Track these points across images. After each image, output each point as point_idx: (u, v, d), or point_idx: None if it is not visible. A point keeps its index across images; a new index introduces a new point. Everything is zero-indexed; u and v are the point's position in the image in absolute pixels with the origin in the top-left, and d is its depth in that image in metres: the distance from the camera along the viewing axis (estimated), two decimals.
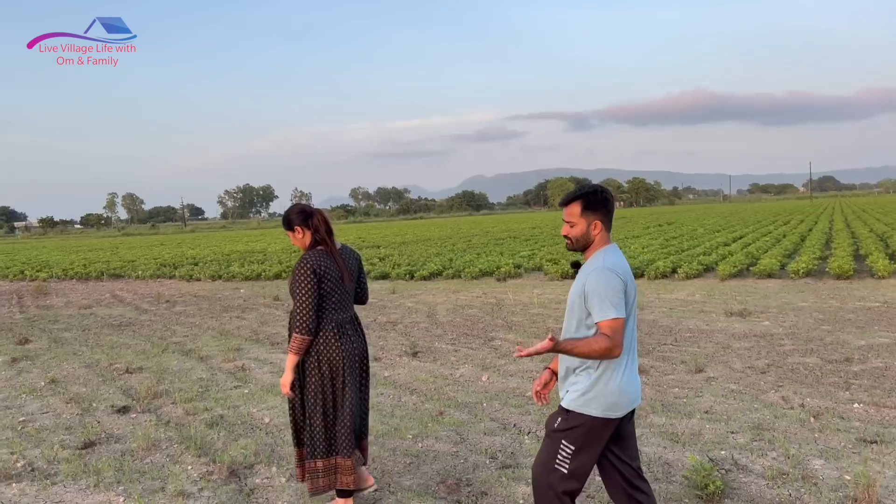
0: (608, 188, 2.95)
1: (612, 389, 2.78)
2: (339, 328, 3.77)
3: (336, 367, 3.75)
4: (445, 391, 6.38)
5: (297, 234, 3.84)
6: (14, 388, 7.41)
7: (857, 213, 42.79)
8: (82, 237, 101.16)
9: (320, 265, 3.72)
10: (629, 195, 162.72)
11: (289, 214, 3.88)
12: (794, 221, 35.64)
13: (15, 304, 16.11)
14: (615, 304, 2.70)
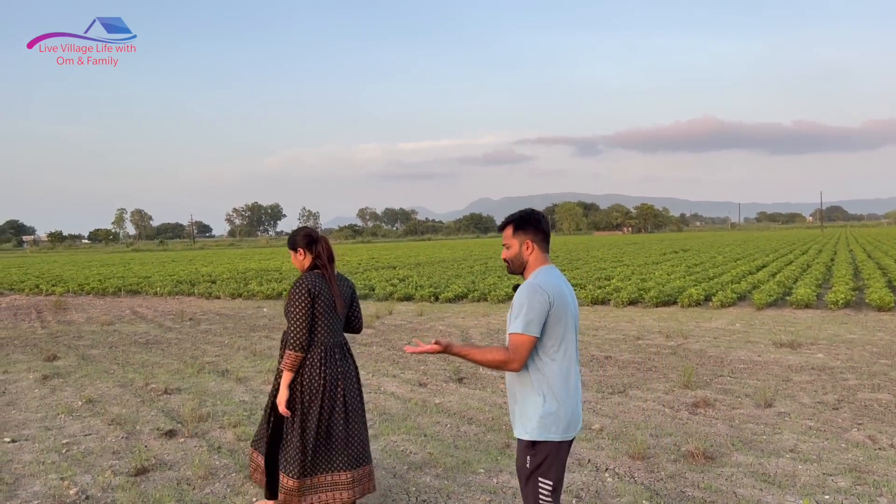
0: (541, 212, 2.97)
1: (567, 409, 2.79)
2: (326, 352, 3.86)
3: (315, 391, 3.82)
4: (505, 421, 6.10)
5: (300, 255, 3.99)
6: (50, 407, 7.16)
7: (873, 244, 42.44)
8: (91, 252, 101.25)
9: (315, 286, 3.85)
10: (637, 221, 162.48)
11: (295, 236, 4.03)
12: (811, 251, 35.30)
13: (35, 318, 15.89)
14: (529, 320, 2.69)
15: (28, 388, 8.11)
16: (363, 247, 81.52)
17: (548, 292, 2.73)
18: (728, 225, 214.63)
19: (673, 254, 36.81)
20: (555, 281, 2.81)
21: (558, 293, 2.78)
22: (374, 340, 11.05)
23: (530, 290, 2.74)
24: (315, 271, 3.94)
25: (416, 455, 5.24)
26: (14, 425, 6.47)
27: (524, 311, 2.70)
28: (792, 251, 35.81)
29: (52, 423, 6.51)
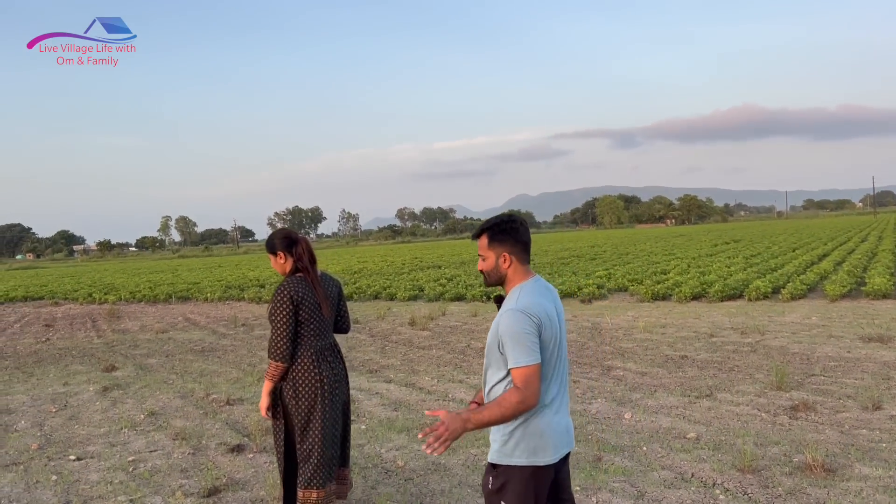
0: (519, 217, 2.71)
1: (533, 431, 2.55)
2: (317, 355, 3.80)
3: (314, 395, 3.75)
4: (589, 430, 5.70)
5: (280, 259, 3.86)
6: (113, 421, 6.98)
7: None
8: (139, 259, 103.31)
9: (297, 292, 3.73)
10: (681, 212, 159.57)
11: (273, 239, 3.90)
12: (871, 238, 33.94)
13: (90, 327, 15.96)
14: (529, 349, 2.49)
15: (89, 401, 7.97)
16: (404, 247, 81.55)
17: (534, 316, 2.54)
18: (774, 213, 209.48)
19: (724, 245, 35.76)
20: (539, 300, 2.60)
21: (545, 314, 2.57)
22: (432, 343, 10.72)
23: (515, 318, 2.54)
24: (297, 275, 3.82)
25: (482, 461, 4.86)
26: (78, 441, 6.29)
27: (519, 340, 2.51)
28: (850, 238, 34.50)
29: (115, 439, 6.31)
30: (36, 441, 6.34)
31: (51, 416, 7.33)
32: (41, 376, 9.75)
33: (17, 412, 7.59)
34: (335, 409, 3.83)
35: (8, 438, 6.50)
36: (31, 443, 6.28)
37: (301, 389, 3.75)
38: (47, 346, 13.10)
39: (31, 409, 7.69)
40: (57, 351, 12.30)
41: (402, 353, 10.05)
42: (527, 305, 2.56)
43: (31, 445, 6.17)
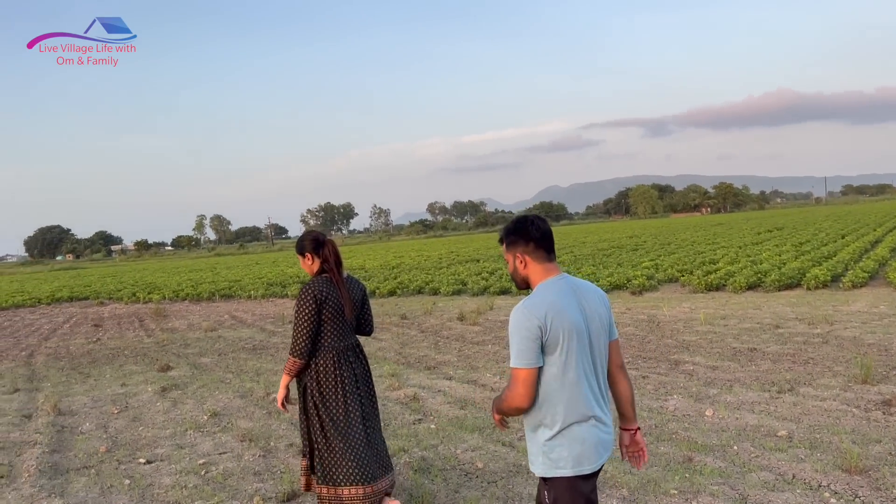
0: (531, 216, 2.64)
1: (575, 438, 2.47)
2: (338, 356, 3.87)
3: (335, 394, 3.83)
4: (672, 429, 5.47)
5: (308, 260, 3.95)
6: (176, 422, 6.92)
7: None
8: (176, 258, 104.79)
9: (322, 292, 3.83)
10: (716, 201, 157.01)
11: (303, 241, 3.98)
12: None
13: (139, 327, 16.09)
14: (521, 350, 2.42)
15: (149, 402, 7.94)
16: (437, 241, 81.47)
17: (536, 315, 2.42)
18: (812, 200, 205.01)
19: (767, 233, 34.99)
20: (551, 297, 2.47)
21: (552, 313, 2.43)
22: (485, 339, 10.53)
23: (517, 316, 2.46)
24: (323, 276, 3.92)
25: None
26: (145, 443, 6.23)
27: (514, 341, 2.44)
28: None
29: (182, 441, 6.24)
30: (103, 444, 6.30)
31: (114, 418, 7.30)
32: (98, 377, 9.78)
33: (80, 414, 7.59)
34: (353, 410, 3.88)
35: (75, 441, 6.47)
36: (98, 445, 6.25)
37: (324, 389, 3.86)
38: (99, 346, 13.20)
39: (94, 411, 7.68)
40: (109, 351, 12.38)
41: (456, 348, 9.88)
42: (532, 303, 2.47)
43: (100, 448, 6.13)
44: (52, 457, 6.00)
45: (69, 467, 5.70)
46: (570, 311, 2.47)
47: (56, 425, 7.10)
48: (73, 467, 5.70)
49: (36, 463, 5.79)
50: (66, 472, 5.57)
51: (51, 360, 11.76)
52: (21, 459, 5.98)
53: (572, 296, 2.53)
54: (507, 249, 2.64)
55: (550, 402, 2.48)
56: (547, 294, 2.50)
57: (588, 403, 2.49)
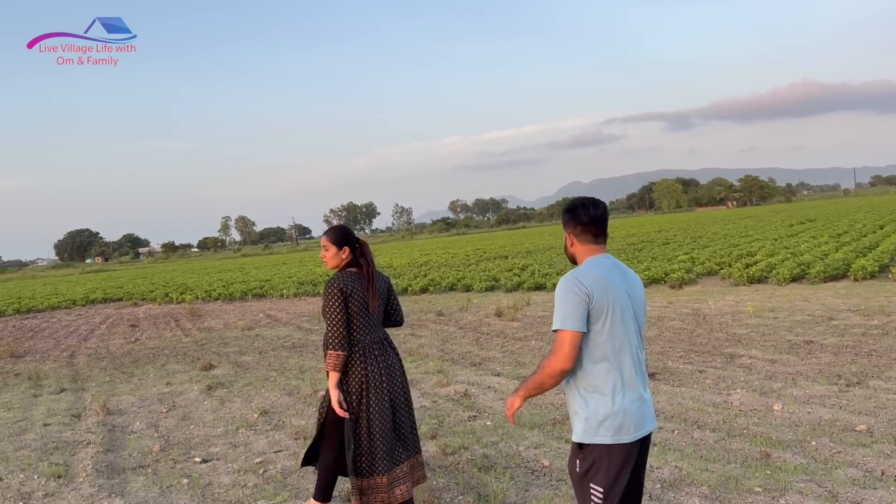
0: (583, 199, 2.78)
1: (617, 410, 2.55)
2: (364, 350, 3.87)
3: (361, 388, 3.83)
4: (741, 424, 5.28)
5: (343, 253, 3.93)
6: (226, 420, 6.86)
7: None
8: (203, 259, 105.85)
9: (347, 285, 3.83)
10: (742, 194, 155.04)
11: (343, 233, 3.98)
12: None
13: (175, 326, 16.15)
14: (566, 313, 2.54)
15: (196, 400, 7.90)
16: (461, 239, 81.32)
17: (583, 283, 2.56)
18: (840, 191, 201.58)
19: (800, 225, 34.41)
20: (598, 270, 2.63)
21: (599, 283, 2.58)
22: (526, 334, 10.38)
23: (564, 283, 2.60)
24: (349, 270, 3.92)
25: (663, 470, 4.50)
26: (198, 442, 6.17)
27: (560, 305, 2.56)
28: None
29: (235, 439, 6.17)
30: (156, 443, 6.25)
31: (163, 417, 7.27)
32: (142, 376, 9.78)
33: (129, 413, 7.56)
34: (382, 402, 3.88)
35: (128, 440, 6.44)
36: (151, 444, 6.20)
37: (350, 383, 3.85)
38: (138, 346, 13.24)
39: (142, 410, 7.66)
40: (149, 351, 12.41)
41: (499, 344, 9.74)
42: (579, 273, 2.61)
43: (153, 447, 6.08)
44: (106, 456, 5.96)
45: (125, 466, 5.65)
46: (616, 285, 2.62)
47: (106, 424, 7.08)
48: (129, 466, 5.65)
49: (92, 462, 5.75)
50: (122, 472, 5.52)
51: (92, 360, 11.81)
52: (76, 459, 5.95)
53: (618, 272, 2.70)
54: (564, 228, 2.80)
55: (595, 368, 2.58)
56: (593, 267, 2.65)
57: (630, 374, 2.61)
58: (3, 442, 6.61)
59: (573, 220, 2.75)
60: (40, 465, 5.79)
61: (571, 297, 2.55)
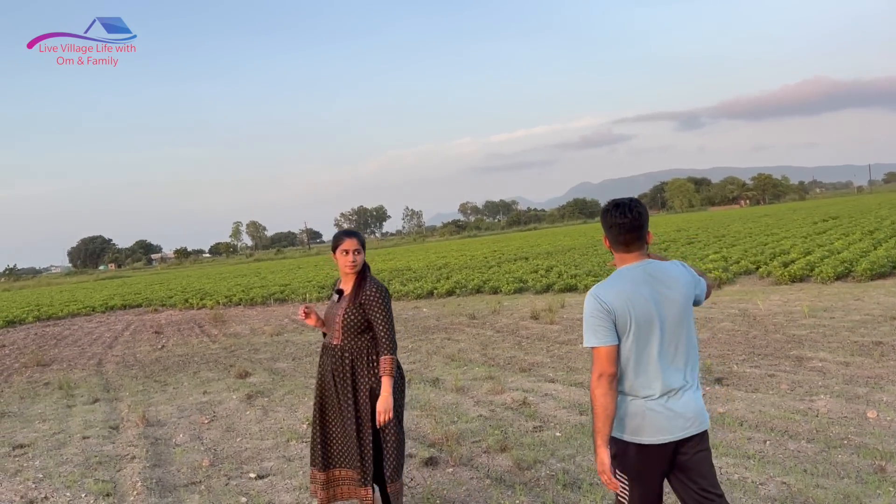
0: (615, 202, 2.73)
1: (634, 413, 2.64)
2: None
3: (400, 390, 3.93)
4: (838, 433, 4.91)
5: (361, 256, 3.92)
6: (274, 432, 6.54)
7: None
8: (216, 265, 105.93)
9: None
10: (755, 192, 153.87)
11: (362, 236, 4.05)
12: None
13: (200, 333, 15.88)
14: (596, 330, 2.62)
15: (238, 410, 7.59)
16: (473, 241, 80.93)
17: (604, 301, 2.63)
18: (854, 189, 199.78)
19: (823, 222, 33.84)
20: (620, 285, 2.66)
21: (620, 300, 2.62)
22: (570, 338, 10.01)
23: (588, 302, 2.68)
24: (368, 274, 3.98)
25: (769, 487, 4.14)
26: (249, 456, 5.86)
27: (588, 324, 2.64)
28: None
29: (287, 452, 5.85)
30: (204, 456, 5.94)
31: (205, 428, 6.96)
32: (176, 385, 9.49)
33: (169, 424, 7.27)
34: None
35: (173, 454, 6.13)
36: (199, 459, 5.89)
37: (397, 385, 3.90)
38: (166, 353, 12.97)
39: (182, 421, 7.36)
40: (178, 358, 12.13)
41: (543, 349, 9.38)
42: (601, 290, 2.67)
43: (202, 462, 5.77)
44: (153, 471, 5.66)
45: (175, 483, 5.34)
46: (639, 300, 2.62)
47: (148, 437, 6.78)
48: (179, 483, 5.34)
49: (140, 479, 5.45)
50: (174, 489, 5.21)
51: (121, 368, 11.54)
52: (123, 475, 5.65)
53: (645, 284, 2.66)
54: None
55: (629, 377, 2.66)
56: (617, 281, 2.68)
57: (653, 384, 2.64)
58: (43, 457, 6.32)
59: (604, 224, 2.75)
60: (86, 481, 5.49)
61: (597, 314, 2.64)
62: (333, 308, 3.96)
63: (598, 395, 2.61)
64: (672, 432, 2.65)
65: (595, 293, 2.66)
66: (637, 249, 2.70)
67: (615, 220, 2.67)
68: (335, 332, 3.89)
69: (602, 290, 2.66)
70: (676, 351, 2.67)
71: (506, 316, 13.10)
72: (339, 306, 3.91)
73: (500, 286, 17.83)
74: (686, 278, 2.74)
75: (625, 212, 2.66)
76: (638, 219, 2.66)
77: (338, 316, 3.88)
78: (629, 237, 2.67)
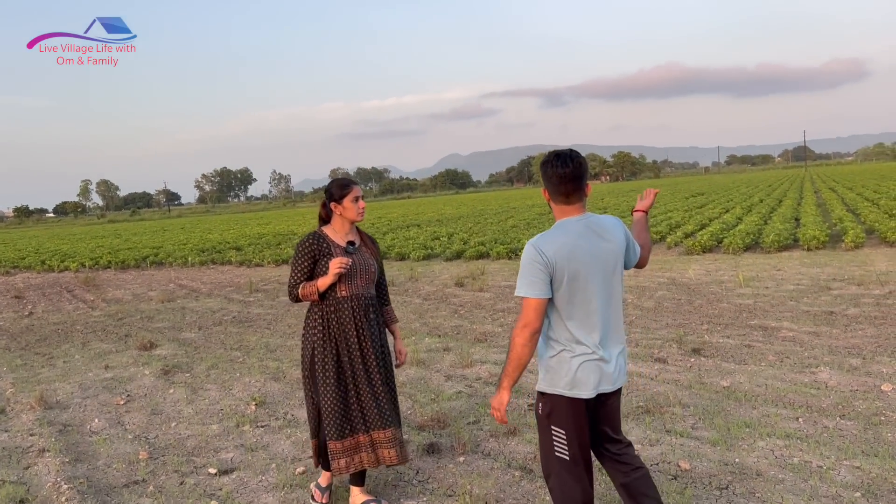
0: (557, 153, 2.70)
1: (568, 369, 2.65)
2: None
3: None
4: (865, 408, 4.64)
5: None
6: (215, 415, 5.53)
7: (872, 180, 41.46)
8: (64, 225, 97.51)
9: None
10: (615, 169, 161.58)
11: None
12: (840, 189, 34.36)
13: (72, 298, 14.03)
14: (532, 282, 2.61)
15: (156, 389, 6.46)
16: None
17: (544, 253, 2.59)
18: (701, 169, 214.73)
19: (693, 198, 35.67)
20: (562, 238, 2.62)
21: (562, 252, 2.60)
22: (507, 306, 9.48)
23: (527, 252, 2.64)
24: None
25: (840, 472, 3.74)
26: (197, 446, 4.85)
27: (523, 273, 2.63)
28: (817, 191, 34.86)
29: (245, 440, 4.90)
30: (136, 447, 4.88)
31: (123, 411, 5.83)
32: (66, 358, 8.10)
33: (73, 406, 6.04)
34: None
35: (95, 445, 5.00)
36: (131, 450, 4.83)
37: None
38: (37, 321, 11.27)
39: (90, 402, 6.15)
40: (54, 326, 10.53)
41: (487, 318, 8.80)
42: (542, 241, 2.62)
43: (139, 454, 4.71)
44: (76, 468, 4.55)
45: (112, 483, 4.28)
46: (580, 252, 2.61)
47: (52, 423, 5.56)
48: (117, 483, 4.28)
49: (62, 478, 4.33)
50: (112, 491, 4.16)
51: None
52: (34, 473, 4.50)
53: (586, 237, 2.64)
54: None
55: (556, 327, 2.67)
56: (559, 234, 2.64)
57: (591, 336, 2.65)
58: None
59: (544, 176, 2.69)
60: None
61: (534, 266, 2.60)
62: (357, 259, 3.61)
63: (518, 343, 2.61)
64: (604, 385, 2.70)
65: (536, 244, 2.62)
66: (577, 201, 2.67)
67: (556, 171, 2.63)
68: (361, 282, 3.60)
69: (543, 242, 2.61)
70: (609, 306, 2.70)
71: (426, 283, 12.41)
72: (361, 256, 3.64)
73: (408, 252, 17.09)
74: (621, 234, 2.76)
75: (566, 161, 2.63)
76: (578, 168, 2.63)
77: (371, 266, 3.66)
78: (570, 187, 2.63)
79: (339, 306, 3.56)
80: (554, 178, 2.64)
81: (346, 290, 3.57)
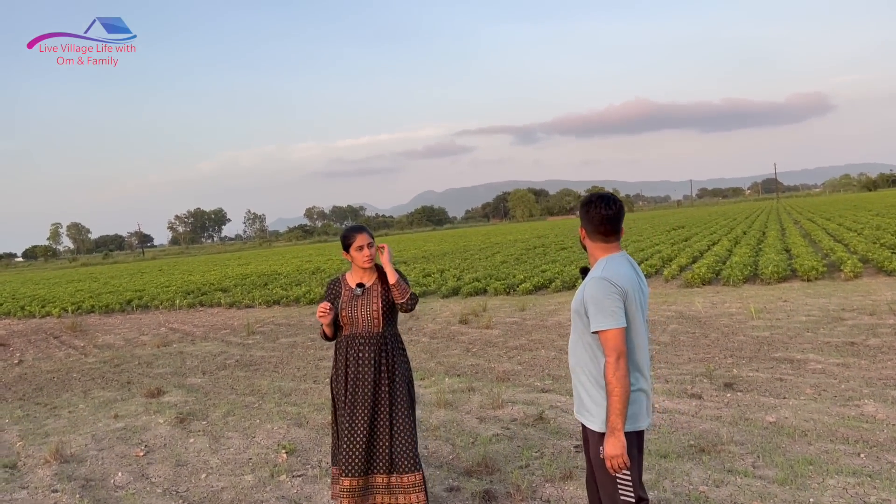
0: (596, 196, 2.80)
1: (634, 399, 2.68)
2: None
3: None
4: None
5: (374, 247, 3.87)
6: (244, 465, 5.29)
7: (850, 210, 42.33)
8: (35, 270, 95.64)
9: None
10: None
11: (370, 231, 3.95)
12: (818, 220, 34.95)
13: (60, 345, 13.61)
14: (613, 312, 2.64)
15: (174, 438, 6.19)
16: (327, 245, 78.84)
17: (617, 283, 2.67)
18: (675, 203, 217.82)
19: (674, 231, 36.01)
20: (624, 270, 2.73)
21: (628, 281, 2.71)
22: (521, 342, 9.35)
23: (601, 285, 2.67)
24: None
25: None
26: (236, 500, 4.60)
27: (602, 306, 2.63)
28: (797, 221, 35.38)
29: (286, 492, 4.67)
30: (171, 502, 4.62)
31: (146, 463, 5.55)
32: (70, 408, 7.78)
33: (90, 459, 5.75)
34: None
35: (124, 500, 4.73)
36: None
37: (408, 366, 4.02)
38: (29, 369, 10.87)
39: (108, 454, 5.86)
40: (49, 375, 10.15)
41: (503, 356, 8.65)
42: (612, 274, 2.69)
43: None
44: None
45: None
46: (635, 283, 2.74)
47: (71, 478, 5.28)
48: None
49: None
50: None
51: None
52: None
53: (635, 272, 2.80)
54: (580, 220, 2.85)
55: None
56: (620, 267, 2.74)
57: (644, 369, 2.76)
58: None
59: (585, 216, 2.79)
60: None
61: (612, 297, 2.64)
62: (361, 301, 3.79)
63: (621, 376, 2.60)
64: (650, 416, 2.82)
65: (606, 277, 2.67)
66: (615, 241, 2.78)
67: (599, 212, 2.74)
68: (373, 322, 3.78)
69: (612, 274, 2.68)
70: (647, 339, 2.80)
71: (428, 321, 12.24)
72: (370, 298, 3.80)
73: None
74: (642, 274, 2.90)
75: (609, 203, 2.75)
76: (620, 210, 2.75)
77: (374, 305, 3.78)
78: (611, 227, 2.74)
79: (348, 344, 3.81)
80: (596, 218, 2.75)
81: (349, 330, 3.82)
